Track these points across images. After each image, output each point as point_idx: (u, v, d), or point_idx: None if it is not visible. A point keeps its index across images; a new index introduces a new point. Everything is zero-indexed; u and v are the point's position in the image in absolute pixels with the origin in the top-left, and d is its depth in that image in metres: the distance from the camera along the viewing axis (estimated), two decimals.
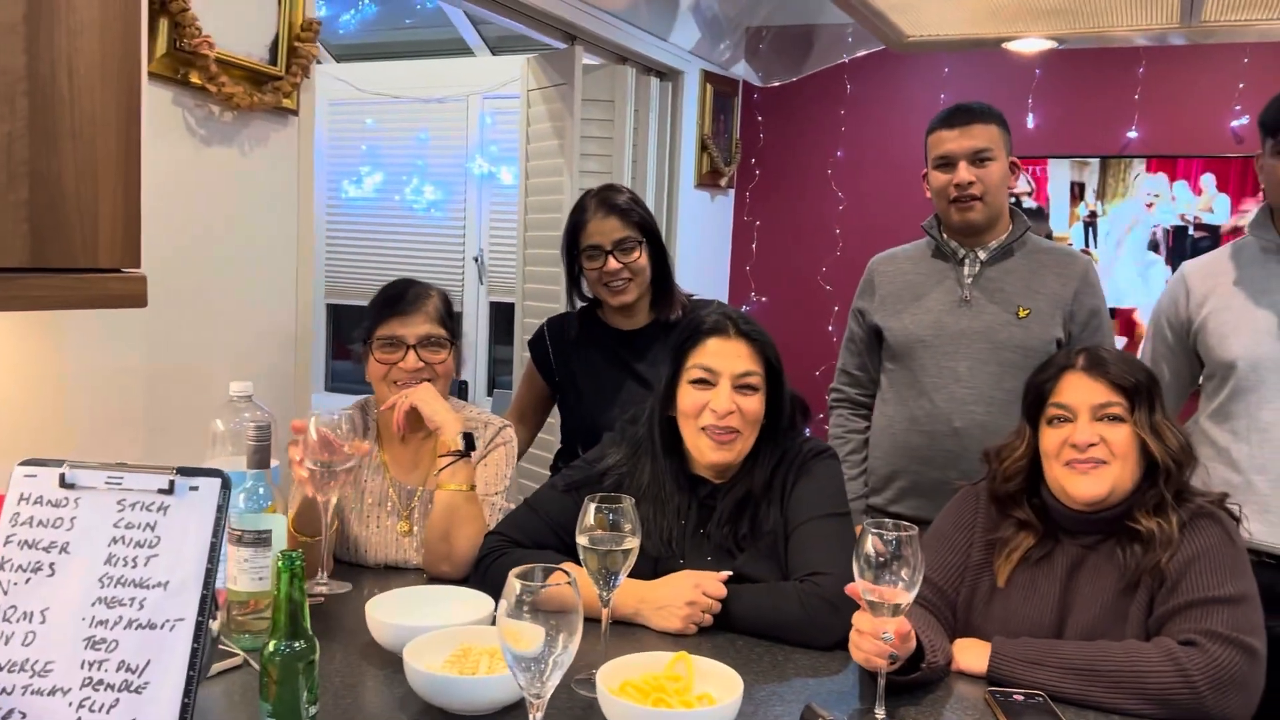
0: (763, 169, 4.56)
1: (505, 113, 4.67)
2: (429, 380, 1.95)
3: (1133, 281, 4.00)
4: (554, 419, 2.60)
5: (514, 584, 1.12)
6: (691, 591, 1.66)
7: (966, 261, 2.32)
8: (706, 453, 1.75)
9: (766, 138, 4.54)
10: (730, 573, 1.71)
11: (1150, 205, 3.95)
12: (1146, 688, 1.43)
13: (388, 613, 1.56)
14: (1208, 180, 3.86)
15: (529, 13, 3.19)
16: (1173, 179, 3.91)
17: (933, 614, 1.65)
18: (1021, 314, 2.26)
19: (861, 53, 4.16)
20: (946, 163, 2.27)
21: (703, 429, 1.74)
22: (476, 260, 4.81)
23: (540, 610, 1.11)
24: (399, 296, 1.98)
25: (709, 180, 4.32)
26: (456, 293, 4.82)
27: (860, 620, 1.42)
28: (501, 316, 4.82)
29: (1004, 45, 2.68)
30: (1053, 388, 1.67)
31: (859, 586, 1.38)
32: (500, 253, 4.74)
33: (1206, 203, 3.88)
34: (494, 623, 1.16)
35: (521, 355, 3.44)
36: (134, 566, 1.20)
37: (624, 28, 3.61)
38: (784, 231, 4.52)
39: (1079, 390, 1.63)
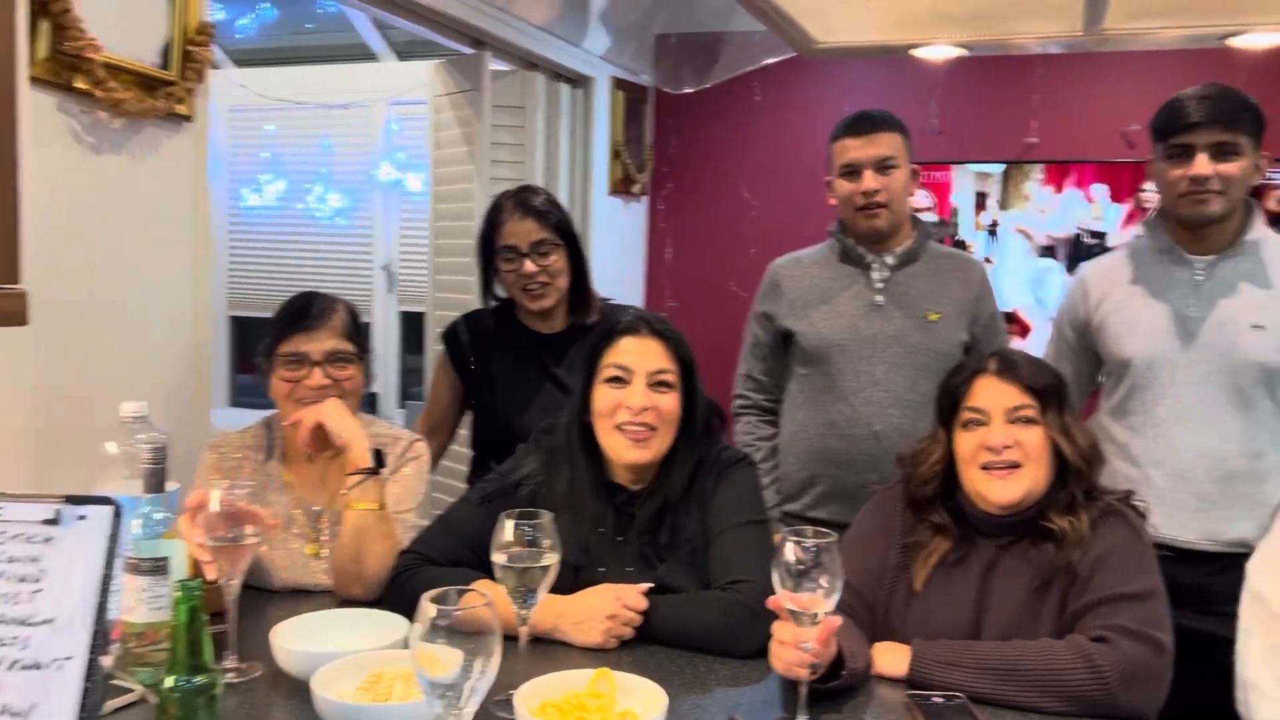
0: (675, 176, 4.57)
1: (413, 119, 4.59)
2: (336, 397, 1.88)
3: (1025, 288, 4.12)
4: (466, 428, 2.55)
5: (427, 607, 1.08)
6: (612, 604, 1.64)
7: (875, 267, 2.34)
8: (623, 452, 1.73)
9: (678, 145, 4.56)
10: (651, 584, 1.69)
11: (1043, 212, 4.07)
12: (1061, 685, 1.46)
13: (294, 639, 1.50)
14: (1099, 190, 3.99)
15: (435, 18, 3.14)
16: (1064, 188, 4.03)
17: (851, 618, 1.65)
18: (932, 318, 2.30)
19: (770, 60, 4.20)
20: (852, 171, 2.29)
21: (618, 427, 1.72)
22: (385, 269, 4.72)
23: (456, 633, 1.08)
24: (303, 310, 1.91)
25: (622, 187, 4.31)
26: (365, 303, 4.72)
27: (780, 630, 1.42)
28: (412, 327, 4.73)
29: (912, 52, 2.71)
30: (966, 391, 1.69)
31: (780, 596, 1.37)
32: (410, 261, 4.65)
33: (1098, 211, 4.01)
34: (408, 645, 1.12)
35: (434, 366, 3.37)
36: (16, 603, 1.13)
37: (533, 33, 3.58)
38: (697, 238, 4.54)
39: (992, 393, 1.66)
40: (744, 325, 2.55)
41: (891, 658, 1.57)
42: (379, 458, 1.84)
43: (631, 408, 1.71)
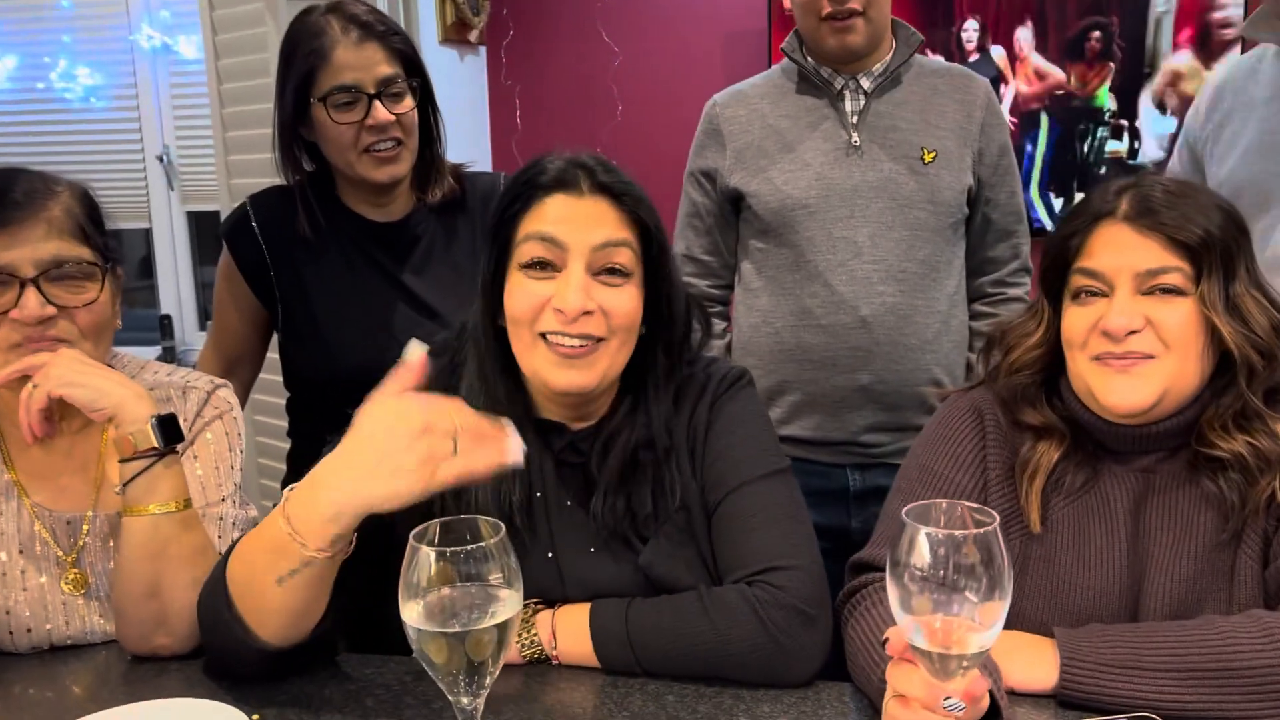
0: (517, 21, 3.79)
1: None
2: (63, 339, 1.14)
3: None
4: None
5: None
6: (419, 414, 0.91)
7: (847, 95, 1.75)
8: (551, 373, 1.09)
9: None
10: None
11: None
12: None
13: None
14: None
15: None
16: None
17: None
18: (927, 158, 1.73)
19: None
20: None
21: (543, 336, 1.09)
22: (161, 159, 3.81)
23: None
24: None
25: (456, 34, 3.52)
26: (141, 204, 3.81)
27: (905, 681, 0.85)
28: (204, 229, 3.86)
29: None
30: (1082, 245, 1.12)
31: (904, 626, 0.79)
32: (193, 147, 3.76)
33: None
34: None
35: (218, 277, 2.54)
36: None
37: None
38: (552, 95, 3.81)
39: (1119, 249, 1.09)
40: None
41: (1028, 660, 1.02)
42: (169, 427, 1.12)
43: (564, 310, 1.07)
